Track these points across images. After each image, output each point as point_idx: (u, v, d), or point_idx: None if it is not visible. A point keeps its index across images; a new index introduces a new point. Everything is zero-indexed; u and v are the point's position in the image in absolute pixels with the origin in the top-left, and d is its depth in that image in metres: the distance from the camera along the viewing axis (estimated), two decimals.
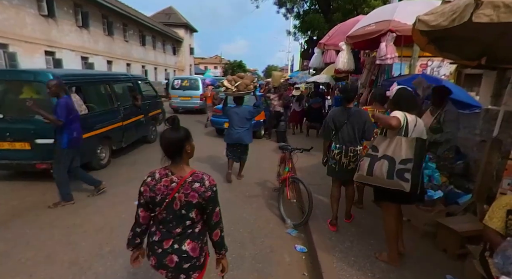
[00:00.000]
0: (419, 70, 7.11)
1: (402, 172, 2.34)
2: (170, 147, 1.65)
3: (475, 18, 1.99)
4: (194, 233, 1.62)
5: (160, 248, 1.59)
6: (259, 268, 2.84)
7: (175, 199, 1.54)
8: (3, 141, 4.50)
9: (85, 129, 4.60)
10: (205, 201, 1.56)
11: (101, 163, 5.69)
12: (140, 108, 7.10)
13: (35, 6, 13.41)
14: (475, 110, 4.36)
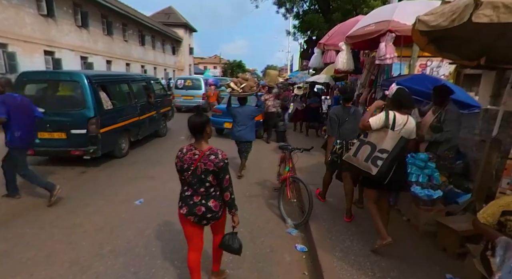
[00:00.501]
0: (419, 70, 7.13)
1: (376, 159, 2.65)
2: (195, 128, 2.14)
3: (475, 18, 2.00)
4: (216, 195, 2.21)
5: (191, 201, 2.18)
6: (260, 267, 2.85)
7: (198, 167, 2.10)
8: (44, 131, 5.23)
9: (109, 122, 5.78)
10: (218, 169, 2.09)
11: (122, 153, 6.48)
12: (153, 105, 7.82)
13: (34, 6, 13.39)
14: (474, 110, 4.38)
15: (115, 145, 6.21)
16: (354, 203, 3.97)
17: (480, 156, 3.46)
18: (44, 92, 5.80)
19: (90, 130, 5.34)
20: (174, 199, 4.30)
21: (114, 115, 6.08)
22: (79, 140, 5.34)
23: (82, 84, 5.39)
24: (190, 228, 2.26)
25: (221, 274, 2.63)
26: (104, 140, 5.62)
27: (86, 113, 5.34)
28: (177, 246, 3.13)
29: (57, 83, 5.85)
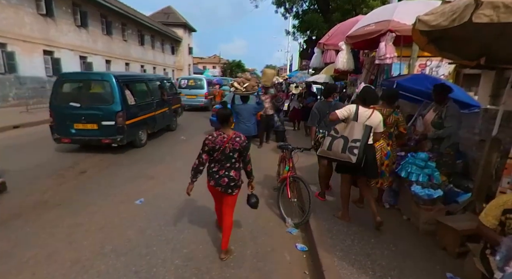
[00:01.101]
0: (418, 70, 7.15)
1: (352, 148, 3.07)
2: (223, 118, 2.85)
3: (475, 18, 2.01)
4: (236, 167, 2.89)
5: (217, 175, 2.86)
6: (260, 267, 2.86)
7: (226, 147, 2.78)
8: (79, 123, 6.30)
9: (132, 116, 6.73)
10: (242, 148, 2.82)
11: (141, 143, 7.36)
12: (166, 102, 8.77)
13: (33, 5, 13.37)
14: (474, 110, 4.40)
15: (136, 136, 7.12)
16: (354, 203, 3.99)
17: (480, 156, 3.48)
18: (79, 90, 6.81)
19: (117, 122, 6.29)
20: (174, 198, 4.34)
21: (136, 110, 6.99)
22: (109, 130, 6.31)
23: (111, 83, 6.36)
24: (217, 194, 3.02)
25: (229, 252, 3.03)
26: (129, 131, 6.56)
27: (114, 107, 6.29)
28: (178, 246, 3.14)
29: (90, 82, 6.90)
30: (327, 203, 4.05)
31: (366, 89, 3.36)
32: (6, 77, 12.39)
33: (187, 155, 6.74)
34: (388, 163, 3.62)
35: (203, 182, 2.97)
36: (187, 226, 3.56)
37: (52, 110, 6.46)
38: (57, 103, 6.43)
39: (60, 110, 6.41)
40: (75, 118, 6.26)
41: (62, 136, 6.44)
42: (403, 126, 3.62)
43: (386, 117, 3.54)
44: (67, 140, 6.47)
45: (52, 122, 6.46)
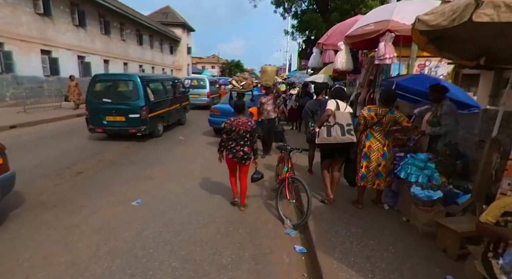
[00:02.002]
0: (417, 70, 7.14)
1: (349, 131, 3.71)
2: (238, 107, 3.88)
3: (476, 17, 1.99)
4: (248, 144, 3.80)
5: (234, 150, 3.79)
6: (258, 269, 2.82)
7: (241, 129, 3.71)
8: (110, 115, 7.58)
9: (153, 110, 8.02)
10: (252, 129, 3.76)
11: (159, 133, 8.68)
12: (177, 99, 10.11)
13: (31, 5, 13.30)
14: (473, 110, 4.38)
15: (155, 127, 8.39)
16: (353, 204, 3.97)
17: (479, 157, 3.45)
18: (110, 88, 8.03)
19: (142, 115, 7.55)
20: (172, 199, 4.31)
21: (155, 106, 8.26)
22: (134, 122, 7.55)
23: (136, 83, 7.71)
24: (233, 165, 3.95)
25: (246, 206, 4.07)
26: (150, 123, 7.84)
27: (139, 102, 7.59)
28: (175, 248, 3.10)
29: (118, 82, 8.29)
30: (326, 205, 4.02)
31: (336, 89, 4.23)
32: (3, 77, 12.31)
33: (185, 156, 6.71)
34: (385, 164, 3.60)
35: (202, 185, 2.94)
36: (184, 228, 3.52)
37: (88, 105, 7.77)
38: (91, 99, 7.75)
39: (94, 105, 7.69)
40: (106, 112, 7.58)
41: (96, 126, 7.70)
42: (404, 120, 3.57)
43: (381, 117, 3.52)
44: (100, 130, 7.77)
45: (88, 115, 7.75)
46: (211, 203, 4.27)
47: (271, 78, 6.87)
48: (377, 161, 3.61)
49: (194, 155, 6.82)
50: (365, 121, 3.63)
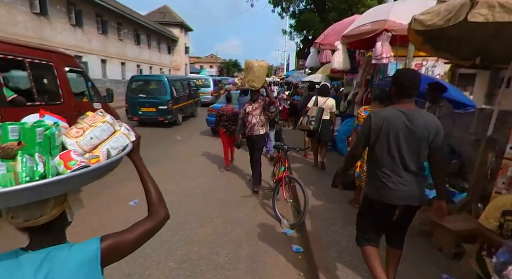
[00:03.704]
0: None
1: (310, 121, 5.19)
2: (228, 97, 6.21)
3: (471, 17, 2.00)
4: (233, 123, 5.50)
5: (228, 126, 5.65)
6: (255, 268, 2.83)
7: (229, 113, 5.64)
8: (144, 107, 9.95)
9: (176, 103, 10.40)
10: (235, 114, 5.46)
11: (179, 122, 10.94)
12: (191, 96, 12.60)
13: (27, 4, 13.21)
14: (469, 110, 4.40)
15: (177, 117, 10.66)
16: (350, 203, 3.98)
17: (475, 156, 3.47)
18: (144, 86, 10.63)
19: (168, 107, 9.85)
20: (169, 199, 4.25)
21: (177, 100, 10.67)
22: (163, 112, 9.86)
23: (164, 82, 10.29)
24: (226, 137, 5.66)
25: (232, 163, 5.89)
26: (174, 113, 10.17)
27: (166, 97, 9.92)
28: (172, 247, 3.10)
29: (150, 81, 10.92)
30: (323, 204, 4.02)
31: (321, 86, 6.05)
32: None
33: (182, 156, 6.70)
34: None
35: (200, 185, 2.94)
36: (181, 228, 3.51)
37: (127, 99, 10.13)
38: (130, 95, 10.16)
39: (132, 99, 10.06)
40: (141, 104, 9.93)
41: (133, 116, 10.03)
42: None
43: None
44: (136, 118, 10.08)
45: (127, 107, 10.10)
46: (208, 203, 4.27)
47: (259, 77, 4.60)
48: None
49: (192, 155, 6.80)
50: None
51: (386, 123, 1.97)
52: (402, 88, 2.04)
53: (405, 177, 1.98)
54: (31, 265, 0.81)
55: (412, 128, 1.93)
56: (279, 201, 3.97)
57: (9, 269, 0.81)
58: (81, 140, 0.91)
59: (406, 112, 1.96)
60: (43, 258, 0.82)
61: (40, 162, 0.75)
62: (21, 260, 0.83)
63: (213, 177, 5.25)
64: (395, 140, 1.95)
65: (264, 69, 4.38)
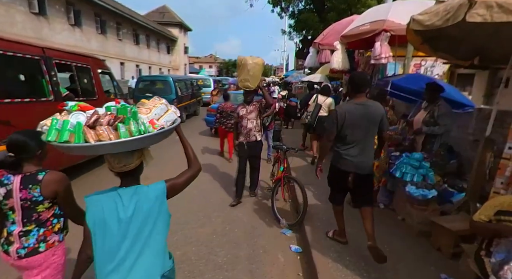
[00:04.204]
0: (413, 70, 7.15)
1: (307, 116, 5.93)
2: (225, 96, 7.00)
3: (469, 17, 2.00)
4: (231, 119, 5.87)
5: (225, 122, 6.39)
6: (254, 269, 2.83)
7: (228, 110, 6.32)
8: None
9: (180, 102, 10.88)
10: (233, 110, 4.92)
11: (184, 119, 10.76)
12: (194, 95, 13.39)
13: (25, 4, 13.18)
14: (468, 110, 4.40)
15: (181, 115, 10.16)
16: (348, 203, 3.97)
17: (473, 156, 3.47)
18: (150, 86, 11.24)
19: None
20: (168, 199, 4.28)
21: (182, 99, 11.15)
22: None
23: (169, 81, 10.96)
24: (224, 133, 6.44)
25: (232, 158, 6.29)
26: None
27: (171, 96, 10.29)
28: (171, 248, 3.05)
29: (157, 81, 11.66)
30: (321, 204, 4.02)
31: (323, 86, 6.47)
32: None
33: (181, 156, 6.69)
34: (378, 164, 3.61)
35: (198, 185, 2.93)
36: (180, 228, 3.51)
37: (135, 98, 9.81)
38: (137, 94, 10.42)
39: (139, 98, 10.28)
40: None
41: None
42: None
43: None
44: None
45: None
46: (207, 204, 4.26)
47: (254, 76, 4.03)
48: None
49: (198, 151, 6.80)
50: None
51: (347, 114, 2.62)
52: (356, 86, 2.70)
53: (356, 153, 2.68)
54: (126, 195, 1.35)
55: (365, 115, 2.62)
56: (278, 201, 3.97)
57: (112, 197, 1.35)
58: (150, 116, 1.41)
59: (361, 104, 2.65)
60: (133, 192, 1.37)
61: (142, 125, 1.31)
62: (119, 193, 1.36)
63: (212, 177, 5.25)
64: (353, 126, 2.63)
65: (260, 67, 3.88)
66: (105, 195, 1.36)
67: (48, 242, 1.70)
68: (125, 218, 1.32)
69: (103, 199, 1.35)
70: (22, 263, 1.66)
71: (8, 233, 1.65)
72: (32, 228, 1.65)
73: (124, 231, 1.32)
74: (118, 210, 1.32)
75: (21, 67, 4.37)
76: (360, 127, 2.63)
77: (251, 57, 3.82)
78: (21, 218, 1.63)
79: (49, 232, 1.70)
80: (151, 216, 1.37)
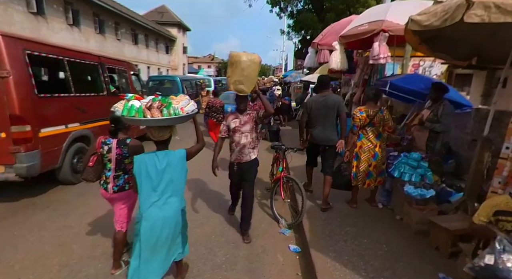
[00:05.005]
0: (411, 70, 7.18)
1: None
2: (214, 93, 8.54)
3: (467, 18, 2.01)
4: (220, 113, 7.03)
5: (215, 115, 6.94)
6: (253, 268, 2.83)
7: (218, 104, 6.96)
8: None
9: None
10: (221, 106, 7.04)
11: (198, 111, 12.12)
12: (197, 94, 13.02)
13: (23, 3, 13.14)
14: (466, 110, 4.43)
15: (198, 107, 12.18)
16: (348, 203, 3.99)
17: (471, 155, 3.49)
18: (159, 85, 12.10)
19: None
20: None
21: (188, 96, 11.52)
22: None
23: (177, 81, 12.17)
24: (213, 125, 6.79)
25: None
26: None
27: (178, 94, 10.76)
28: None
29: (165, 80, 12.74)
30: (320, 204, 4.03)
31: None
32: None
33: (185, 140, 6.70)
34: (375, 164, 3.62)
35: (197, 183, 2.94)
36: None
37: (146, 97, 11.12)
38: (147, 94, 11.20)
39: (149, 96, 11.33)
40: None
41: None
42: (388, 124, 3.61)
43: (373, 117, 3.54)
44: None
45: None
46: (206, 204, 4.27)
47: (249, 78, 3.06)
48: (368, 161, 3.63)
49: None
50: (360, 123, 3.64)
51: (313, 103, 3.86)
52: (321, 85, 3.99)
53: (322, 130, 3.82)
54: (161, 155, 2.12)
55: (325, 103, 3.77)
56: (277, 201, 3.98)
57: (152, 156, 2.11)
58: (180, 105, 2.16)
59: (323, 96, 3.85)
60: (165, 153, 2.15)
61: (176, 109, 2.07)
62: (156, 154, 2.13)
63: (210, 177, 5.22)
64: (318, 112, 3.81)
65: (256, 66, 3.03)
66: (148, 155, 2.14)
67: (130, 184, 2.54)
68: (160, 169, 2.10)
69: (146, 157, 2.12)
70: (115, 196, 2.56)
71: (106, 177, 2.56)
72: (121, 174, 2.54)
73: (160, 177, 2.10)
74: (156, 163, 2.10)
75: (88, 71, 5.99)
76: (321, 112, 3.78)
77: (245, 53, 3.01)
78: (115, 167, 2.52)
79: (130, 178, 2.48)
80: (176, 169, 2.16)
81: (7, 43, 3.89)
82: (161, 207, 2.11)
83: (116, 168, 2.51)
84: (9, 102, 3.74)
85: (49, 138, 4.28)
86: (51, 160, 4.36)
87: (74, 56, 5.09)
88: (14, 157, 3.83)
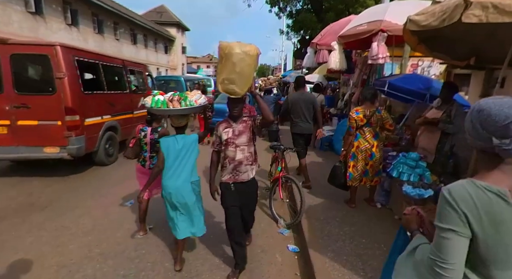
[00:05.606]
0: (410, 70, 7.20)
1: None
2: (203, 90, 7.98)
3: (465, 18, 2.01)
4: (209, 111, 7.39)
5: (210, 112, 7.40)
6: (251, 268, 2.82)
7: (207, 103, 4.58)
8: None
9: None
10: (211, 103, 7.56)
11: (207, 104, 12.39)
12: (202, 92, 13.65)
13: (21, 3, 13.10)
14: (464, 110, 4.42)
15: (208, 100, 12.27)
16: (346, 203, 3.99)
17: (470, 155, 3.50)
18: (164, 85, 12.11)
19: None
20: None
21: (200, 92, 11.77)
22: None
23: (181, 81, 12.64)
24: (200, 119, 7.93)
25: None
26: None
27: None
28: (167, 248, 3.09)
29: (170, 80, 13.28)
30: (319, 204, 4.03)
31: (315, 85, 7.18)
32: None
33: None
34: (372, 164, 3.62)
35: None
36: None
37: None
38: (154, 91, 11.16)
39: None
40: None
41: None
42: (388, 123, 3.60)
43: (370, 117, 3.54)
44: None
45: None
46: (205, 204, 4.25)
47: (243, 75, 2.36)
48: (365, 160, 3.64)
49: None
50: (356, 124, 3.63)
51: (293, 100, 4.59)
52: (299, 84, 4.78)
53: (302, 122, 4.54)
54: (179, 138, 2.65)
55: (302, 100, 4.52)
56: (276, 201, 3.98)
57: (172, 139, 2.65)
58: (194, 98, 2.63)
59: (301, 93, 4.63)
60: (182, 137, 2.66)
61: (191, 102, 2.62)
62: (176, 137, 2.65)
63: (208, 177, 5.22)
64: (298, 107, 4.51)
65: (252, 60, 2.35)
66: (170, 138, 2.65)
67: None
68: (178, 148, 2.60)
69: (168, 139, 2.64)
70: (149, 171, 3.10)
71: (144, 157, 3.27)
72: (154, 155, 3.19)
73: (178, 154, 2.60)
74: (175, 144, 2.60)
75: (115, 73, 6.94)
76: (300, 107, 4.49)
77: (239, 43, 2.36)
78: (150, 149, 3.23)
79: None
80: (190, 149, 2.65)
81: (63, 51, 4.78)
82: (175, 179, 2.59)
83: (151, 150, 3.23)
84: (64, 97, 4.78)
85: (91, 126, 5.36)
86: (92, 144, 5.40)
87: (106, 60, 6.24)
88: (67, 141, 4.87)
